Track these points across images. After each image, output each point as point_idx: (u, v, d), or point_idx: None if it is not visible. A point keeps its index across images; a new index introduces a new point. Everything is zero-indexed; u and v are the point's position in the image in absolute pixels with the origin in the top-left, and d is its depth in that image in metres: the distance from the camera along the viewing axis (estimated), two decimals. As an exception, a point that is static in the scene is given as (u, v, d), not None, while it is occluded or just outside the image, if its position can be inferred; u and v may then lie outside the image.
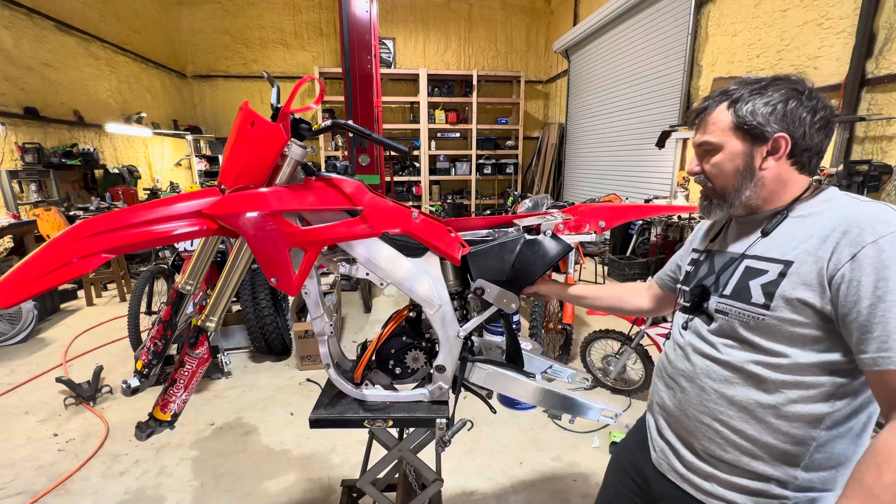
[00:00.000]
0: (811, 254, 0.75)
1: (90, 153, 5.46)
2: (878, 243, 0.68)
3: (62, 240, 0.93)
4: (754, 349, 0.81)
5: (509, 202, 5.83)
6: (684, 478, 0.91)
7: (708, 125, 0.86)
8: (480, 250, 1.29)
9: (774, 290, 0.77)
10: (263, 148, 1.06)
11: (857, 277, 0.69)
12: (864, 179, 2.97)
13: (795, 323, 0.76)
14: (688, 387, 0.90)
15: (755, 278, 0.81)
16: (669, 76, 5.23)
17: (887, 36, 3.03)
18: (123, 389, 1.33)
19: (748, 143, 0.83)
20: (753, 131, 0.81)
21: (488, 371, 1.36)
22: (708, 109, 0.87)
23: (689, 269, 1.01)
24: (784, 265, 0.78)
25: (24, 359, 3.53)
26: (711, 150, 0.86)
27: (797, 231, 0.80)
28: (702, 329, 0.90)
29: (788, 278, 0.76)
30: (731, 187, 0.85)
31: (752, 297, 0.80)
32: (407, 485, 1.65)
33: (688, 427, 0.90)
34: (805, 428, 0.78)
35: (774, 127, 0.80)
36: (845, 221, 0.73)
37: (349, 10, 4.13)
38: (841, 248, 0.71)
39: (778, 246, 0.81)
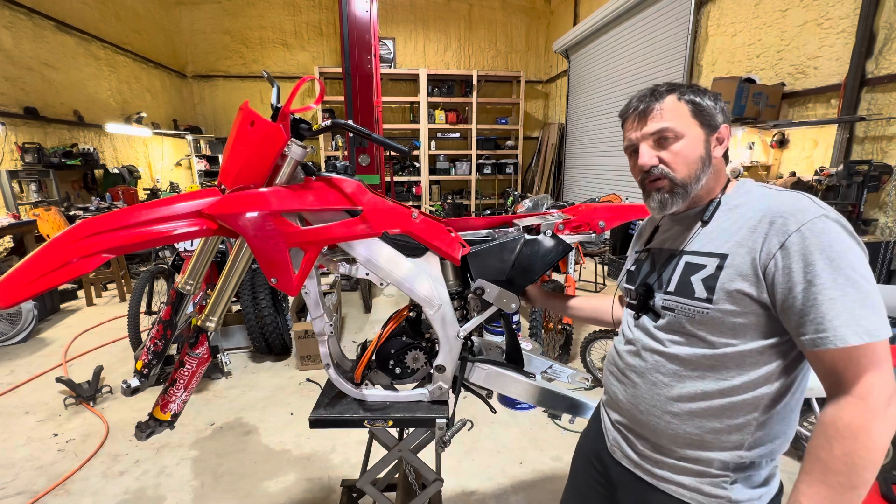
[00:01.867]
0: (742, 245, 0.78)
1: (90, 153, 5.46)
2: (801, 231, 0.72)
3: (62, 240, 0.93)
4: (701, 342, 0.83)
5: (509, 202, 5.83)
6: (637, 465, 0.94)
7: (664, 113, 0.85)
8: (480, 250, 1.29)
9: (714, 283, 0.80)
10: (263, 148, 1.06)
11: (788, 265, 0.73)
12: (864, 179, 2.97)
13: (737, 313, 0.78)
14: (639, 382, 0.92)
15: (695, 273, 0.84)
16: (669, 76, 5.22)
17: (887, 36, 3.03)
18: (123, 389, 1.33)
19: (705, 131, 0.85)
20: (708, 120, 0.85)
21: (488, 371, 1.36)
22: (653, 104, 0.86)
23: (632, 269, 1.03)
24: (720, 258, 0.80)
25: (24, 359, 3.53)
26: (672, 137, 0.85)
27: (727, 224, 0.83)
28: (649, 326, 0.92)
29: (725, 271, 0.79)
30: (693, 175, 0.85)
31: (695, 292, 0.82)
32: (407, 485, 1.65)
33: (640, 420, 0.92)
34: (748, 411, 0.81)
35: (720, 118, 0.86)
36: (769, 212, 0.77)
37: (349, 10, 4.13)
38: (769, 237, 0.75)
39: (712, 240, 0.84)
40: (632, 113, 0.90)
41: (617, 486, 1.00)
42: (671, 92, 0.86)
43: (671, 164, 0.86)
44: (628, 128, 0.91)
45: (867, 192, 3.00)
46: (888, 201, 3.02)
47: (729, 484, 0.84)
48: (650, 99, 0.87)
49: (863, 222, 3.06)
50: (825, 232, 0.72)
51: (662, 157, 0.86)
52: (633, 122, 0.90)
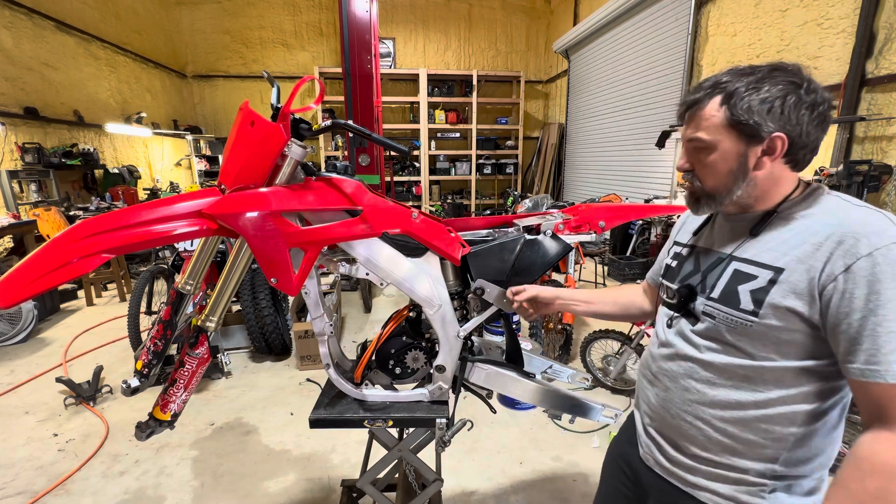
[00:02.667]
0: (803, 262, 0.73)
1: (90, 153, 5.46)
2: (873, 256, 0.67)
3: (62, 240, 0.93)
4: (739, 353, 0.80)
5: (509, 202, 5.84)
6: (669, 471, 0.92)
7: (700, 121, 0.80)
8: (480, 250, 1.29)
9: (764, 297, 0.75)
10: (263, 148, 1.06)
11: (851, 289, 0.68)
12: (864, 179, 2.97)
13: (782, 330, 0.75)
14: (671, 386, 0.90)
15: (744, 283, 0.79)
16: (669, 76, 5.22)
17: (887, 36, 3.03)
18: (123, 389, 1.34)
19: (743, 143, 0.77)
20: (748, 131, 0.76)
21: (488, 371, 1.36)
22: (700, 103, 0.80)
23: (671, 264, 0.98)
24: (774, 272, 0.76)
25: (24, 359, 3.53)
26: (703, 147, 0.80)
27: (788, 235, 0.77)
28: (685, 329, 0.89)
29: (779, 286, 0.74)
30: (723, 188, 0.81)
31: (740, 303, 0.78)
32: (407, 485, 1.65)
33: (671, 424, 0.90)
34: (785, 426, 0.79)
35: (771, 126, 0.75)
36: (839, 229, 0.71)
37: (349, 10, 4.13)
38: (835, 258, 0.70)
39: (768, 250, 0.78)
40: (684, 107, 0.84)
41: (648, 493, 0.98)
42: (720, 92, 0.77)
43: (699, 174, 0.83)
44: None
45: (867, 192, 3.00)
46: (888, 201, 3.02)
47: (768, 493, 0.81)
48: (697, 99, 0.80)
49: (863, 222, 3.06)
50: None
51: (694, 165, 0.83)
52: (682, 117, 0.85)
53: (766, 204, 0.82)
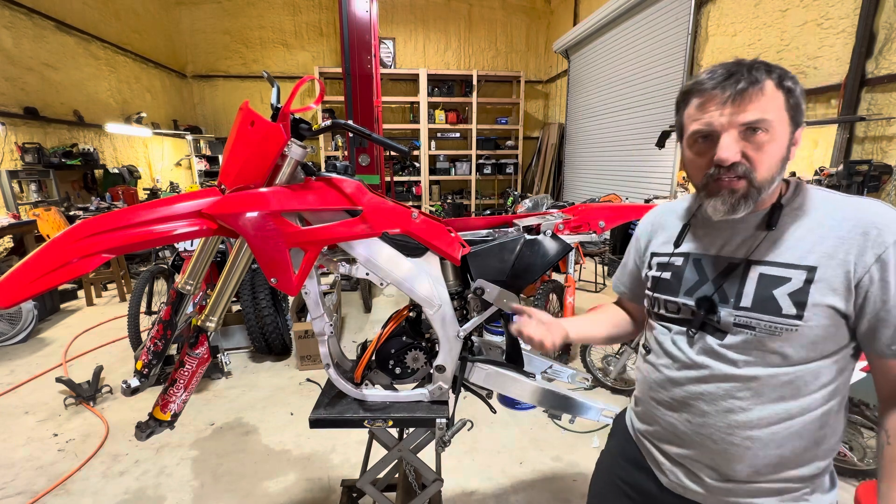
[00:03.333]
0: (833, 257, 0.72)
1: (90, 153, 5.46)
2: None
3: (62, 240, 0.93)
4: (781, 361, 0.76)
5: (509, 202, 5.84)
6: (706, 497, 0.85)
7: (764, 102, 0.71)
8: (480, 250, 1.29)
9: (805, 298, 0.73)
10: (263, 148, 1.06)
11: (885, 278, 0.70)
12: (864, 179, 2.97)
13: (826, 328, 0.74)
14: (709, 410, 0.81)
15: (778, 287, 0.75)
16: (669, 76, 5.22)
17: (887, 36, 3.03)
18: (123, 389, 1.34)
19: (791, 129, 0.74)
20: (797, 116, 0.74)
21: (488, 371, 1.36)
22: (759, 83, 0.71)
23: (663, 276, 0.90)
24: (808, 271, 0.73)
25: (24, 359, 3.53)
26: (764, 131, 0.72)
27: (803, 232, 0.76)
28: (713, 345, 0.81)
29: (816, 285, 0.73)
30: (771, 178, 0.75)
31: (782, 309, 0.74)
32: (407, 485, 1.65)
33: (713, 450, 0.82)
34: (824, 421, 0.78)
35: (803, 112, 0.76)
36: (860, 221, 0.72)
37: (349, 10, 4.13)
38: (865, 250, 0.70)
39: (789, 249, 0.76)
40: (718, 91, 0.73)
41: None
42: (770, 74, 0.72)
43: (755, 163, 0.73)
44: (707, 109, 0.74)
45: (867, 192, 2.99)
46: (888, 201, 3.02)
47: (809, 495, 0.81)
48: (746, 78, 0.71)
49: (863, 222, 3.06)
50: None
51: (748, 153, 0.73)
52: (716, 104, 0.73)
53: (771, 199, 0.79)
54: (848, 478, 2.14)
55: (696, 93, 0.76)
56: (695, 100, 0.77)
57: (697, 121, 0.76)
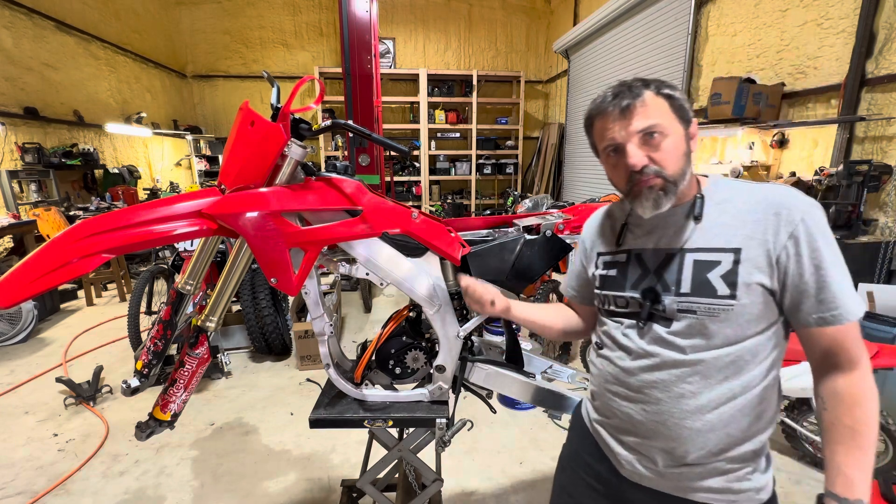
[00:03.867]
0: (753, 238, 0.80)
1: (90, 153, 5.46)
2: (805, 220, 0.78)
3: (62, 240, 0.93)
4: (722, 342, 0.82)
5: (509, 202, 5.83)
6: (660, 483, 0.90)
7: (648, 110, 0.81)
8: (480, 250, 1.29)
9: (735, 278, 0.80)
10: (263, 148, 1.06)
11: (799, 252, 0.78)
12: (864, 179, 2.97)
13: (754, 305, 0.80)
14: (662, 397, 0.86)
15: (711, 270, 0.82)
16: (669, 76, 5.22)
17: (887, 36, 3.03)
18: (123, 389, 1.34)
19: (683, 126, 0.84)
20: (685, 115, 0.84)
21: (488, 371, 1.36)
22: (641, 97, 0.82)
23: (609, 274, 0.96)
24: (734, 253, 0.81)
25: (24, 359, 3.53)
26: (659, 134, 0.82)
27: (726, 218, 0.84)
28: (661, 333, 0.86)
29: (743, 265, 0.80)
30: (680, 171, 0.84)
31: (717, 290, 0.81)
32: (407, 485, 1.65)
33: (666, 435, 0.86)
34: (764, 397, 0.85)
35: (690, 112, 0.85)
36: (771, 204, 0.81)
37: (349, 10, 4.13)
38: (779, 229, 0.79)
39: (716, 235, 0.83)
40: (611, 111, 0.84)
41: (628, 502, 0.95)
42: (646, 87, 0.82)
43: (661, 162, 0.82)
44: (607, 126, 0.85)
45: (867, 192, 2.99)
46: (888, 201, 3.02)
47: (751, 474, 0.86)
48: (629, 95, 0.82)
49: (863, 222, 3.06)
50: (821, 219, 0.79)
51: (652, 155, 0.82)
52: (612, 121, 0.84)
53: (691, 192, 0.88)
54: (848, 478, 2.14)
55: (597, 116, 0.87)
56: (597, 122, 0.88)
57: (604, 139, 0.87)
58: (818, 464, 2.20)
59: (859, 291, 2.71)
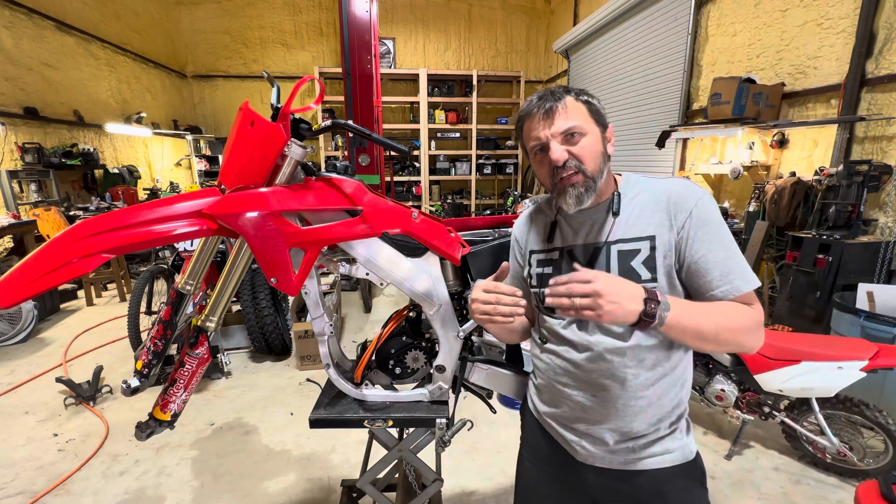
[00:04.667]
0: (662, 225, 0.90)
1: (90, 153, 5.46)
2: (698, 205, 0.88)
3: (62, 240, 0.93)
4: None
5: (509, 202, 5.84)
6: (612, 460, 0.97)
7: (569, 112, 0.90)
8: (480, 250, 1.29)
9: (654, 263, 0.89)
10: (263, 148, 1.06)
11: (693, 234, 0.87)
12: (864, 179, 2.97)
13: (673, 285, 0.90)
14: (609, 383, 0.93)
15: (633, 259, 0.90)
16: (669, 76, 5.22)
17: (887, 36, 3.03)
18: (123, 389, 1.33)
19: (600, 129, 0.93)
20: (601, 119, 0.93)
21: (488, 371, 1.36)
22: (562, 100, 0.90)
23: (545, 271, 1.01)
24: (650, 240, 0.90)
25: (24, 359, 3.53)
26: (579, 134, 0.90)
27: (638, 210, 0.93)
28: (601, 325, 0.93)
29: (658, 250, 0.89)
30: (598, 169, 0.91)
31: (640, 276, 0.89)
32: (407, 485, 1.65)
33: (614, 417, 0.94)
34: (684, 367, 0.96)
35: (606, 118, 0.94)
36: (671, 194, 0.91)
37: (349, 10, 4.13)
38: (677, 214, 0.89)
39: (633, 226, 0.92)
40: (536, 112, 0.91)
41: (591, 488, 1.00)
42: (567, 93, 0.91)
43: (581, 158, 0.89)
44: (533, 127, 0.92)
45: (867, 192, 2.99)
46: (888, 201, 3.02)
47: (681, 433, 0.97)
48: (552, 99, 0.90)
49: (863, 222, 3.06)
50: (711, 206, 0.90)
51: (572, 151, 0.89)
52: (538, 122, 0.91)
53: (610, 190, 0.96)
54: (847, 478, 2.14)
55: (526, 118, 0.95)
56: (526, 124, 0.95)
57: (531, 139, 0.94)
58: (818, 464, 2.20)
59: (859, 291, 2.71)
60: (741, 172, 3.78)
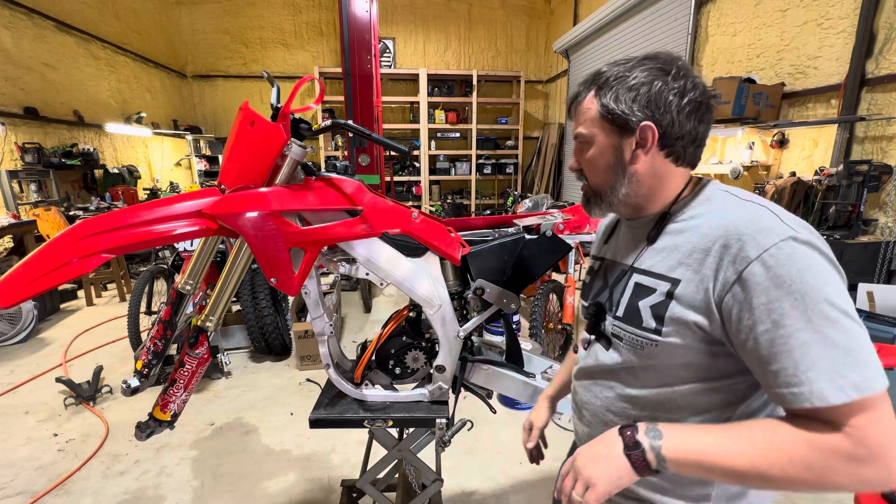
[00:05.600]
0: (697, 272, 0.66)
1: (90, 153, 5.46)
2: (763, 259, 0.59)
3: (62, 240, 0.93)
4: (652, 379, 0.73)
5: (509, 202, 5.83)
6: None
7: (580, 115, 0.77)
8: (480, 250, 1.29)
9: (664, 312, 0.69)
10: (263, 148, 1.06)
11: (749, 300, 0.60)
12: (864, 179, 2.97)
13: (688, 348, 0.68)
14: (593, 421, 0.82)
15: (644, 298, 0.72)
16: (669, 76, 5.22)
17: (887, 36, 3.03)
18: (123, 389, 1.34)
19: (616, 135, 0.74)
20: (619, 121, 0.72)
21: (488, 371, 1.36)
22: (579, 97, 0.77)
23: (586, 281, 0.92)
24: (671, 284, 0.69)
25: (24, 359, 3.53)
26: (585, 143, 0.77)
27: (680, 241, 0.71)
28: (600, 354, 0.81)
29: (676, 300, 0.68)
30: (606, 185, 0.76)
31: (643, 321, 0.72)
32: (407, 485, 1.65)
33: None
34: None
35: (639, 115, 0.71)
36: (725, 232, 0.64)
37: (349, 10, 4.13)
38: (725, 266, 0.63)
39: (663, 259, 0.72)
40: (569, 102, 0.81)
41: None
42: (590, 88, 0.76)
43: (586, 172, 0.79)
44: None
45: (867, 192, 3.00)
46: (888, 201, 3.02)
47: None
48: (577, 93, 0.78)
49: (863, 222, 3.06)
50: (793, 259, 0.58)
51: (580, 160, 0.80)
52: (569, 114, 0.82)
53: (657, 205, 0.77)
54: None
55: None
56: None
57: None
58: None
59: (859, 291, 2.71)
60: (741, 172, 3.78)
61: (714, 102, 0.74)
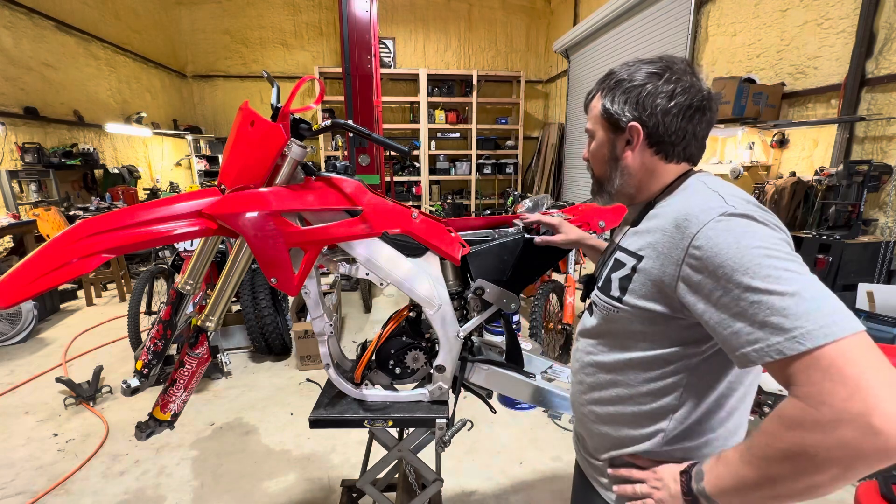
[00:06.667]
0: (655, 249, 0.73)
1: (90, 153, 5.46)
2: (704, 232, 0.64)
3: (62, 240, 0.93)
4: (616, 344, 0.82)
5: (509, 202, 5.83)
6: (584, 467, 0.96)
7: (590, 112, 0.88)
8: (480, 250, 1.29)
9: (628, 284, 0.77)
10: (263, 148, 1.06)
11: (698, 272, 0.64)
12: (864, 179, 2.97)
13: (641, 320, 0.75)
14: (574, 380, 0.95)
15: (617, 270, 0.81)
16: (669, 76, 5.22)
17: (887, 36, 3.03)
18: (123, 389, 1.33)
19: (610, 132, 0.84)
20: (612, 120, 0.82)
21: (488, 371, 1.36)
22: (591, 95, 0.88)
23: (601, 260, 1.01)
24: (637, 260, 0.76)
25: (24, 359, 3.53)
26: (591, 137, 0.89)
27: (651, 224, 0.77)
28: (586, 319, 0.92)
29: (638, 273, 0.75)
30: (604, 175, 0.87)
31: (611, 290, 0.80)
32: (407, 485, 1.65)
33: (578, 418, 0.95)
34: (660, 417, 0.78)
35: (628, 115, 0.79)
36: (678, 215, 0.70)
37: (349, 10, 4.13)
38: (676, 243, 0.68)
39: (637, 239, 0.79)
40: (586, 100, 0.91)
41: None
42: (602, 86, 0.85)
43: (590, 162, 0.91)
44: None
45: (867, 192, 3.00)
46: (888, 201, 3.02)
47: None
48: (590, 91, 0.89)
49: (863, 222, 3.06)
50: (729, 229, 0.63)
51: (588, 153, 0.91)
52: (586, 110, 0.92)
53: (645, 195, 0.85)
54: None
55: None
56: None
57: None
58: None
59: (859, 291, 2.71)
60: (741, 172, 3.78)
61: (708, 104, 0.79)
